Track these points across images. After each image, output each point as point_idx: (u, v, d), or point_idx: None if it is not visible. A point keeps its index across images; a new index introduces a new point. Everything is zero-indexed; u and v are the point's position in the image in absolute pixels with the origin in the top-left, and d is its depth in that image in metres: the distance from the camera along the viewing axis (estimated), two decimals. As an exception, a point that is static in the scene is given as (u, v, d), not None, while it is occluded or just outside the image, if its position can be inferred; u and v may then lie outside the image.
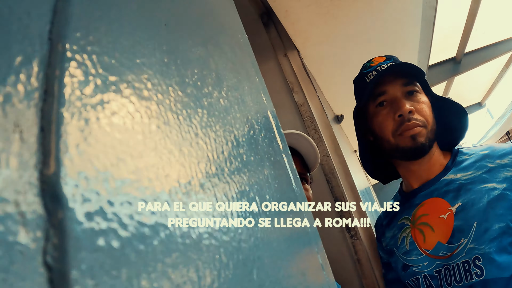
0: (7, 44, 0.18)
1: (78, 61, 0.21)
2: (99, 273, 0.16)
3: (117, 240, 0.17)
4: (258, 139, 0.43)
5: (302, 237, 0.43)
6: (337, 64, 1.86)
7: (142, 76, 0.26)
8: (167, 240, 0.20)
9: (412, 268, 0.90)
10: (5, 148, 0.15)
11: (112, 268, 0.16)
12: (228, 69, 0.45)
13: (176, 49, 0.34)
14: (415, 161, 0.94)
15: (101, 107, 0.21)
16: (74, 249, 0.15)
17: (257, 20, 1.65)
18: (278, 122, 0.55)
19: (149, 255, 0.19)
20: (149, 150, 0.23)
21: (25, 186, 0.15)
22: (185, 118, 0.29)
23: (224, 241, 0.26)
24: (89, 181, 0.17)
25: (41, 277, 0.14)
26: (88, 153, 0.18)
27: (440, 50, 2.84)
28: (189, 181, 0.25)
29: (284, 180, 0.46)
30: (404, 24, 1.66)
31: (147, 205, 0.20)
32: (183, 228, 0.22)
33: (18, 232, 0.14)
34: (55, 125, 0.17)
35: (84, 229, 0.16)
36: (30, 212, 0.14)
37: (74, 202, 0.16)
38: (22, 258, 0.14)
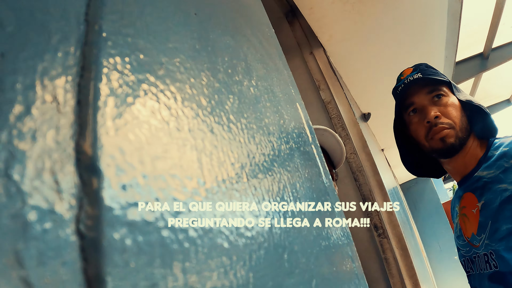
0: (46, 23, 0.18)
1: (114, 41, 0.21)
2: (131, 245, 0.15)
3: (149, 214, 0.17)
4: (288, 129, 0.42)
5: (332, 229, 0.43)
6: (364, 61, 1.83)
7: (175, 59, 0.26)
8: (198, 215, 0.20)
9: (460, 251, 1.03)
10: (43, 119, 0.15)
11: (144, 241, 0.16)
12: (257, 60, 0.45)
13: (206, 37, 0.34)
14: (451, 159, 0.99)
15: (137, 86, 0.21)
16: (107, 219, 0.15)
17: (282, 18, 1.65)
18: (306, 114, 0.54)
19: (181, 231, 0.19)
20: (182, 130, 0.22)
21: (61, 156, 0.15)
22: (217, 102, 0.28)
23: (255, 228, 0.26)
24: (124, 154, 0.17)
25: (73, 245, 0.14)
26: (124, 128, 0.18)
27: (467, 46, 2.76)
28: (220, 162, 0.25)
29: (313, 172, 0.45)
30: (430, 18, 1.61)
31: (179, 181, 0.20)
32: (215, 204, 0.22)
33: (53, 200, 0.14)
34: (92, 99, 0.17)
35: (117, 200, 0.16)
36: (65, 181, 0.14)
37: (108, 173, 0.16)
38: (55, 225, 0.13)
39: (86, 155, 0.16)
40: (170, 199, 0.18)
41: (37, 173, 0.14)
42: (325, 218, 0.42)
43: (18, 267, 0.12)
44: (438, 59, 1.96)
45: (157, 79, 0.23)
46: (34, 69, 0.17)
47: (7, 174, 0.13)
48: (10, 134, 0.14)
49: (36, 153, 0.14)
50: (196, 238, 0.19)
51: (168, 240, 0.17)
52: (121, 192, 0.16)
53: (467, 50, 2.86)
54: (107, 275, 0.14)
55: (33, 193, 0.13)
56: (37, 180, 0.14)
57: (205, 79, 0.29)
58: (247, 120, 0.32)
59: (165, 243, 0.17)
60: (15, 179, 0.13)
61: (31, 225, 0.13)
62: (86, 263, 0.13)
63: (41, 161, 0.14)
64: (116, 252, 0.14)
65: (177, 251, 0.17)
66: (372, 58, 1.82)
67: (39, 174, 0.14)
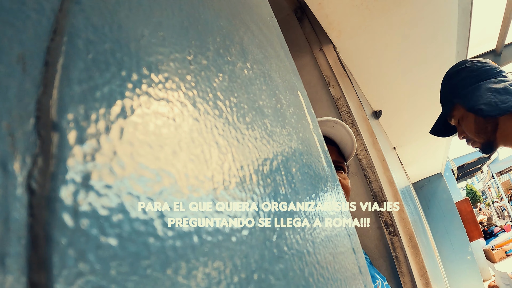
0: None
1: (91, 10, 0.21)
2: (83, 206, 0.15)
3: (108, 176, 0.16)
4: (285, 114, 0.41)
5: (334, 215, 0.42)
6: (374, 57, 1.81)
7: (159, 33, 0.26)
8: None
9: None
10: (7, 75, 0.15)
11: (97, 204, 0.16)
12: (254, 45, 0.44)
13: (197, 17, 0.33)
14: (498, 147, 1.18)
15: (110, 54, 0.20)
16: (60, 178, 0.14)
17: (291, 15, 1.64)
18: (308, 102, 0.53)
19: (138, 195, 0.18)
20: (159, 100, 0.22)
21: (21, 112, 0.14)
22: (203, 78, 0.28)
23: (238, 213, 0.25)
24: (87, 117, 0.17)
25: (22, 200, 0.13)
26: (90, 91, 0.17)
27: (480, 42, 2.71)
28: (203, 137, 0.24)
29: (314, 158, 0.44)
30: (441, 13, 1.58)
31: (147, 146, 0.19)
32: (190, 173, 0.21)
33: (6, 153, 0.13)
34: (60, 62, 0.17)
35: (73, 160, 0.15)
36: (22, 137, 0.14)
37: (67, 133, 0.15)
38: (5, 178, 0.13)
39: (47, 113, 0.15)
40: (133, 164, 0.18)
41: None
42: (324, 211, 0.41)
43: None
44: (450, 55, 1.92)
45: (136, 49, 0.22)
46: (3, 32, 0.16)
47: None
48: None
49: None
50: (151, 207, 0.19)
51: (122, 205, 0.17)
52: (78, 152, 0.15)
53: (479, 47, 2.81)
54: (54, 234, 0.13)
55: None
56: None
57: (192, 55, 0.28)
58: (237, 99, 0.31)
59: (121, 208, 0.16)
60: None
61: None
62: (33, 219, 0.13)
63: None
64: (66, 212, 0.14)
65: (128, 213, 0.17)
66: (382, 54, 1.80)
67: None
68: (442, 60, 1.99)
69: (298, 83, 0.54)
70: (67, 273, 0.13)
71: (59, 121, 0.15)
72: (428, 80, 2.19)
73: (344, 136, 1.00)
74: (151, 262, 0.16)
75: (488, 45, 2.85)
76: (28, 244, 0.13)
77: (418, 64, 1.97)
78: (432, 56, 1.93)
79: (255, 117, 0.33)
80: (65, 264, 0.13)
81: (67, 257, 0.13)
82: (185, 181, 0.20)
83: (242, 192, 0.25)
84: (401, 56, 1.85)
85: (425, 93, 2.38)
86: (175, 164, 0.20)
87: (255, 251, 0.24)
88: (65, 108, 0.16)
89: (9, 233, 0.13)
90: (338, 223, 0.42)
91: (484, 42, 2.78)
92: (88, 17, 0.21)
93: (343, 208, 0.47)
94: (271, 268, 0.25)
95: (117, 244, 0.15)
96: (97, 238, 0.14)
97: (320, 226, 0.37)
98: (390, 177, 1.36)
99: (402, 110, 2.55)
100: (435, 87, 2.34)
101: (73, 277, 0.13)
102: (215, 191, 0.23)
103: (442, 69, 2.07)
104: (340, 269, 0.37)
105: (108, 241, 0.15)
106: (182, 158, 0.21)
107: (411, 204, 2.45)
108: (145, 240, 0.16)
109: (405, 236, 1.26)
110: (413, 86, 2.21)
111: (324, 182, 0.45)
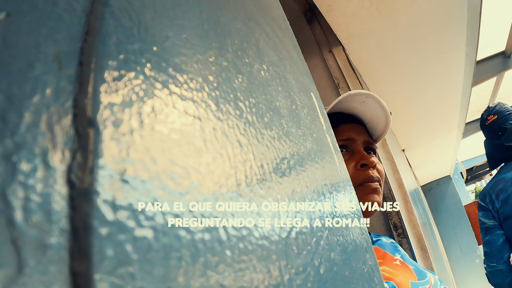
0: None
1: (119, 12, 0.22)
2: (120, 198, 0.16)
3: (143, 172, 0.17)
4: (300, 114, 0.42)
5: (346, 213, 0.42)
6: (383, 59, 1.81)
7: (182, 35, 0.26)
8: (196, 179, 0.20)
9: None
10: (44, 74, 0.16)
11: (134, 196, 0.16)
12: (269, 47, 0.45)
13: (216, 20, 0.34)
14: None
15: (139, 53, 0.21)
16: (98, 172, 0.15)
17: (301, 17, 1.65)
18: (321, 104, 0.54)
19: (174, 192, 0.19)
20: (185, 100, 0.22)
21: (59, 109, 0.15)
22: (224, 79, 0.28)
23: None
24: (122, 113, 0.17)
25: (62, 192, 0.14)
26: (122, 89, 0.18)
27: (489, 43, 2.69)
28: (224, 137, 0.25)
29: (328, 158, 0.45)
30: (450, 14, 1.58)
31: (178, 145, 0.20)
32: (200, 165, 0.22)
33: (46, 148, 0.14)
34: (94, 61, 0.18)
35: (111, 155, 0.16)
36: (60, 132, 0.15)
37: (104, 129, 0.16)
38: (46, 172, 0.14)
39: (83, 110, 0.16)
40: (166, 160, 0.18)
41: (33, 122, 0.14)
42: (338, 211, 0.41)
43: (3, 207, 0.12)
44: (459, 56, 1.92)
45: (161, 50, 0.23)
46: (38, 31, 0.17)
47: (4, 119, 0.13)
48: (9, 84, 0.14)
49: (34, 104, 0.14)
50: (180, 201, 0.19)
51: (155, 199, 0.17)
52: (115, 148, 0.16)
53: (488, 48, 2.79)
54: (94, 225, 0.14)
55: (26, 139, 0.13)
56: (33, 128, 0.14)
57: (213, 57, 0.29)
58: (256, 100, 0.32)
59: (154, 202, 0.17)
60: (11, 125, 0.13)
61: (21, 169, 0.13)
62: (74, 211, 0.14)
63: (38, 112, 0.14)
64: (105, 204, 0.14)
65: (161, 207, 0.17)
66: (392, 55, 1.80)
67: (35, 124, 0.14)
68: (452, 62, 1.99)
69: (311, 84, 0.55)
70: (107, 263, 0.14)
71: (95, 118, 0.16)
72: (438, 81, 2.18)
73: (376, 112, 0.86)
74: (182, 254, 0.17)
75: (497, 47, 2.84)
76: (69, 235, 0.14)
77: (428, 65, 1.96)
78: (441, 58, 1.92)
79: (273, 118, 0.34)
80: (104, 254, 0.14)
81: (107, 247, 0.14)
82: (212, 177, 0.21)
83: (262, 190, 0.26)
84: (410, 57, 1.85)
85: (434, 95, 2.37)
86: (202, 161, 0.21)
87: (276, 247, 0.25)
88: (100, 105, 0.16)
89: (51, 225, 0.13)
90: (352, 223, 0.43)
91: (493, 43, 2.76)
92: (117, 18, 0.21)
93: (356, 208, 0.47)
94: (292, 263, 0.26)
95: (152, 236, 0.15)
96: (133, 230, 0.15)
97: (333, 225, 0.37)
98: (399, 179, 1.36)
99: (412, 112, 2.54)
100: (445, 88, 2.33)
101: (112, 267, 0.14)
102: (239, 188, 0.23)
103: (452, 71, 2.06)
104: (352, 267, 0.38)
105: (144, 233, 0.15)
106: (209, 156, 0.21)
107: (420, 206, 2.44)
108: (177, 233, 0.17)
109: (414, 238, 1.26)
110: (422, 87, 2.21)
111: (338, 182, 0.45)
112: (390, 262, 0.77)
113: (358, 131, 0.85)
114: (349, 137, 0.83)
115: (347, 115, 0.88)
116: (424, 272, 0.78)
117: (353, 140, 0.83)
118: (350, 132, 0.83)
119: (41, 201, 0.13)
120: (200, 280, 0.17)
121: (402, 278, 0.71)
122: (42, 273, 0.12)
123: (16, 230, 0.12)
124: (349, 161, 0.81)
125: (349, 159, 0.81)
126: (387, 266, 0.75)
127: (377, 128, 0.89)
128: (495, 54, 2.89)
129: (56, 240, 0.13)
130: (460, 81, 2.25)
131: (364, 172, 0.79)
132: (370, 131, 0.90)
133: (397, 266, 0.76)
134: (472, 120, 4.74)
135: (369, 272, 0.42)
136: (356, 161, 0.80)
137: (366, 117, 0.88)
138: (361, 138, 0.84)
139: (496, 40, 2.72)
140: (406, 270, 0.76)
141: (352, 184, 0.52)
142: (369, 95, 0.83)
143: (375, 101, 0.84)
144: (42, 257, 0.12)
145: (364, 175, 0.79)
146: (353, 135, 0.83)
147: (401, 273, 0.74)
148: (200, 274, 0.17)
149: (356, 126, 0.86)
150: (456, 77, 2.18)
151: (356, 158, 0.81)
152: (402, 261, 0.80)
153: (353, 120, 0.87)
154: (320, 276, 0.30)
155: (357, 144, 0.83)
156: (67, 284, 0.13)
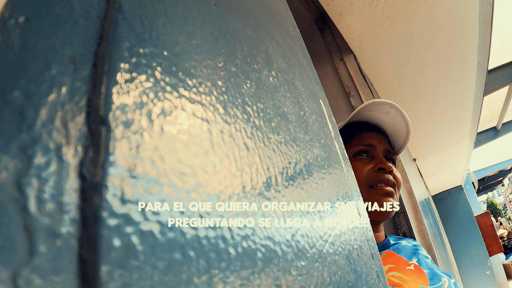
0: None
1: (132, 17, 0.23)
2: (131, 191, 0.16)
3: (152, 170, 0.18)
4: (308, 121, 0.42)
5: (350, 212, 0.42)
6: (395, 68, 1.81)
7: (192, 41, 0.27)
8: (202, 177, 0.21)
9: None
10: (60, 74, 0.17)
11: (143, 191, 0.17)
12: (279, 54, 0.46)
13: (225, 27, 0.35)
14: None
15: (150, 57, 0.22)
16: (109, 168, 0.16)
17: (312, 25, 1.66)
18: (330, 111, 0.54)
19: (183, 189, 0.19)
20: (194, 103, 0.23)
21: (73, 107, 0.16)
22: (233, 85, 0.29)
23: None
24: (133, 113, 0.18)
25: (74, 185, 0.15)
26: (134, 91, 0.19)
27: (501, 53, 2.67)
28: (231, 140, 0.25)
29: (335, 164, 0.45)
30: (461, 23, 1.57)
31: (185, 145, 0.21)
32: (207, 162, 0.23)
33: (60, 143, 0.15)
34: (107, 64, 0.19)
35: (122, 152, 0.16)
36: (74, 129, 0.16)
37: (115, 128, 0.17)
38: (59, 165, 0.15)
39: (96, 109, 0.17)
40: (174, 159, 0.19)
41: (49, 118, 0.15)
42: (344, 216, 0.42)
43: (18, 196, 0.13)
44: (471, 65, 1.90)
45: (172, 55, 0.24)
46: (55, 35, 0.18)
47: (22, 115, 0.14)
48: (28, 82, 0.15)
49: (50, 102, 0.15)
50: (186, 199, 0.20)
51: (162, 195, 0.18)
52: (126, 145, 0.17)
53: (500, 58, 2.77)
54: (103, 217, 0.15)
55: (42, 134, 0.14)
56: (48, 124, 0.15)
57: (222, 62, 0.30)
58: (264, 105, 0.33)
59: (161, 198, 0.18)
60: (28, 121, 0.14)
61: (36, 162, 0.14)
62: (85, 203, 0.14)
63: (54, 109, 0.15)
64: (114, 198, 0.15)
65: (168, 203, 0.18)
66: (403, 64, 1.79)
67: (51, 120, 0.15)
68: (463, 71, 1.98)
69: (320, 92, 0.55)
70: (114, 253, 0.14)
71: (107, 117, 0.17)
72: (449, 91, 2.16)
73: (398, 124, 0.87)
74: (186, 250, 0.17)
75: (508, 56, 2.81)
76: (79, 224, 0.14)
77: (439, 74, 1.95)
78: (453, 67, 1.91)
79: (280, 123, 0.34)
80: (111, 245, 0.15)
81: (114, 238, 0.15)
82: (218, 178, 0.22)
83: (268, 192, 0.27)
84: (422, 66, 1.84)
85: (446, 104, 2.35)
86: (209, 161, 0.21)
87: (280, 247, 0.25)
88: (112, 105, 0.17)
89: (63, 214, 0.14)
90: (358, 229, 0.43)
91: (505, 53, 2.74)
92: (130, 24, 0.22)
93: (362, 215, 0.47)
94: (295, 266, 0.26)
95: (158, 230, 0.16)
96: (140, 223, 0.16)
97: (338, 231, 0.38)
98: (409, 188, 1.35)
99: (423, 120, 2.53)
100: (457, 97, 2.31)
101: (119, 257, 0.15)
102: (244, 189, 0.24)
103: (463, 80, 2.05)
104: (357, 273, 0.38)
105: (150, 226, 0.16)
106: (215, 157, 0.22)
107: (430, 216, 2.41)
108: (181, 229, 0.17)
109: (424, 248, 1.25)
110: (433, 96, 2.19)
111: (345, 189, 0.46)
112: (403, 268, 0.78)
113: (380, 139, 0.88)
114: (370, 143, 0.86)
115: (372, 125, 0.90)
116: (440, 276, 0.79)
117: (374, 146, 0.86)
118: (373, 140, 0.87)
119: (54, 192, 0.14)
120: (203, 277, 0.18)
121: (412, 284, 0.72)
122: (52, 259, 0.13)
123: (29, 217, 0.13)
124: (367, 164, 0.84)
125: (368, 162, 0.84)
126: (399, 272, 0.76)
127: (398, 140, 0.91)
128: (507, 63, 2.87)
129: (67, 229, 0.14)
130: (471, 90, 2.23)
131: (379, 174, 0.82)
132: (392, 143, 0.91)
133: (410, 272, 0.77)
134: (484, 130, 4.69)
135: (374, 278, 0.42)
136: (374, 164, 0.83)
137: (389, 128, 0.89)
138: (382, 146, 0.87)
139: (508, 49, 2.70)
140: (419, 275, 0.77)
141: (360, 192, 0.52)
142: (392, 105, 0.84)
143: (398, 111, 0.85)
144: (53, 244, 0.13)
145: (379, 176, 0.82)
146: (374, 142, 0.86)
147: (413, 278, 0.74)
148: (204, 271, 0.18)
149: (379, 136, 0.89)
150: (467, 86, 2.17)
151: (374, 162, 0.84)
152: (417, 265, 0.81)
153: (378, 130, 0.90)
154: (323, 279, 0.30)
155: (377, 151, 0.86)
156: (75, 270, 0.13)
